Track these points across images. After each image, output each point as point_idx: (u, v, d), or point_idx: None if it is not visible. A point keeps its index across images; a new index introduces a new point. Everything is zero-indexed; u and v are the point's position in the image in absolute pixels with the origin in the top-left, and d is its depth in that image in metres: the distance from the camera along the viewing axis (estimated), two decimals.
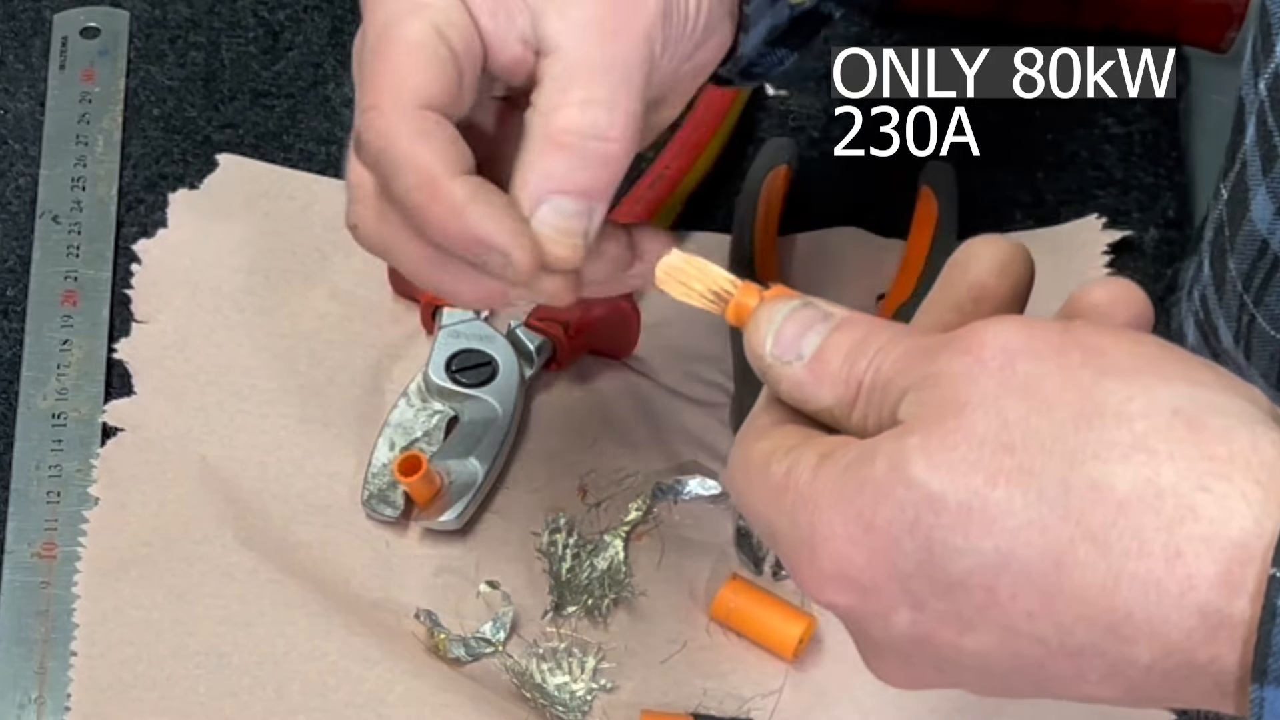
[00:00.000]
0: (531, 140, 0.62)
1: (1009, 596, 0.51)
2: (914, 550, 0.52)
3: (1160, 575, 0.50)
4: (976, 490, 0.51)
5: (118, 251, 0.90)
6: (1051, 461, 0.51)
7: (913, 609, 0.53)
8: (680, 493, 0.83)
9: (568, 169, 0.62)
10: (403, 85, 0.62)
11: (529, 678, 0.79)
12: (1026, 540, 0.51)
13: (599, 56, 0.62)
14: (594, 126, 0.62)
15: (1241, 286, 0.75)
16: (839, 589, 0.54)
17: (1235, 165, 0.74)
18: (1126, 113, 0.94)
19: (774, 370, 0.58)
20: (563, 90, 0.62)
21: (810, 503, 0.54)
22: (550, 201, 0.62)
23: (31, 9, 0.97)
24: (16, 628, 0.80)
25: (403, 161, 0.61)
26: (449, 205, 0.61)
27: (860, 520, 0.53)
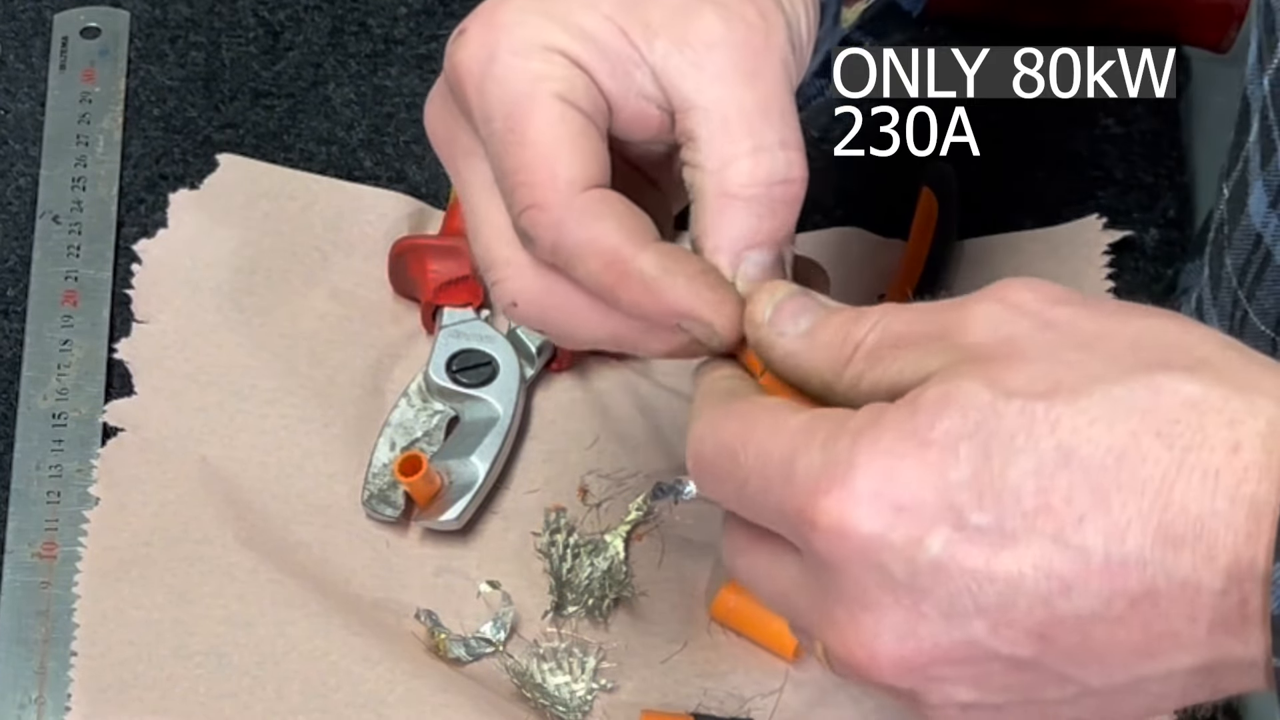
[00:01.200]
0: (709, 200, 0.60)
1: (1063, 500, 0.51)
2: (969, 456, 0.51)
3: (1219, 465, 0.50)
4: (1040, 395, 0.51)
5: (118, 251, 0.90)
6: (1115, 371, 0.51)
7: (951, 526, 0.51)
8: (680, 493, 0.83)
9: (757, 221, 0.60)
10: (557, 174, 0.59)
11: (529, 678, 0.79)
12: (1089, 436, 0.51)
13: (751, 102, 0.60)
14: (773, 173, 0.60)
15: (1236, 282, 0.75)
16: (872, 510, 0.52)
17: (1238, 164, 0.74)
18: (1126, 113, 0.94)
19: (768, 339, 0.58)
20: (728, 143, 0.60)
21: (853, 429, 0.53)
22: (748, 259, 0.60)
23: (31, 9, 0.97)
24: (16, 628, 0.80)
25: (582, 249, 0.59)
26: (642, 283, 0.59)
27: (915, 435, 0.52)
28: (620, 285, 0.59)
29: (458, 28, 0.62)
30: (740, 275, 0.60)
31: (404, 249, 0.87)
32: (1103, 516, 0.50)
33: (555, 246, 0.59)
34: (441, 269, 0.86)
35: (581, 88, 0.60)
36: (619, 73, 0.61)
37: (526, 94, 0.60)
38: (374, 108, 0.94)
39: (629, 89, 0.61)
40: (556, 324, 0.62)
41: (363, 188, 0.92)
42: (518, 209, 0.60)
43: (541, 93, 0.60)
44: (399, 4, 0.98)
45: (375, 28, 0.97)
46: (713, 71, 0.60)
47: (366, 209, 0.91)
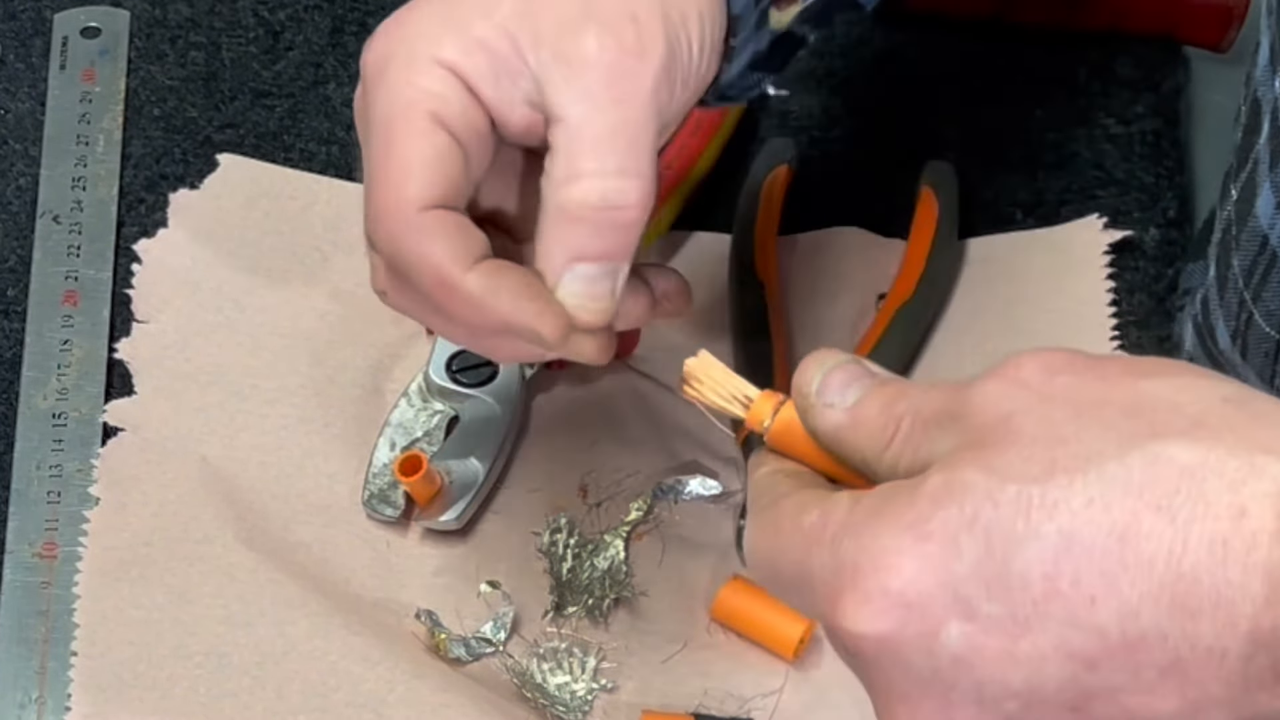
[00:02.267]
0: (548, 212, 0.63)
1: (1071, 583, 0.50)
2: (971, 547, 0.51)
3: (1227, 533, 0.49)
4: (1035, 479, 0.51)
5: (118, 251, 0.90)
6: (1108, 446, 0.51)
7: (963, 618, 0.51)
8: (680, 493, 0.83)
9: (586, 239, 0.63)
10: (405, 191, 0.63)
11: (529, 678, 0.79)
12: (1089, 519, 0.50)
13: (606, 125, 0.63)
14: (605, 198, 0.63)
15: (1242, 283, 0.75)
16: (882, 611, 0.52)
17: (1248, 165, 0.74)
18: (1126, 113, 0.94)
19: (815, 410, 0.58)
20: (572, 162, 0.63)
21: (855, 527, 0.53)
22: (573, 270, 0.63)
23: (31, 9, 0.97)
24: (16, 628, 0.80)
25: (414, 263, 0.63)
26: (466, 300, 0.63)
27: (912, 531, 0.52)
28: (449, 302, 0.63)
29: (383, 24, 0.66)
30: (562, 288, 0.64)
31: None
32: (1113, 597, 0.50)
33: (392, 259, 0.64)
34: None
35: (458, 107, 0.64)
36: (504, 81, 0.64)
37: (403, 108, 0.64)
38: None
39: (514, 96, 0.64)
40: (418, 318, 0.68)
41: (362, 188, 0.91)
42: (366, 218, 0.64)
43: (416, 111, 0.64)
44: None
45: (375, 27, 0.97)
46: (580, 89, 0.63)
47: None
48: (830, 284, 0.89)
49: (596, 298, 0.64)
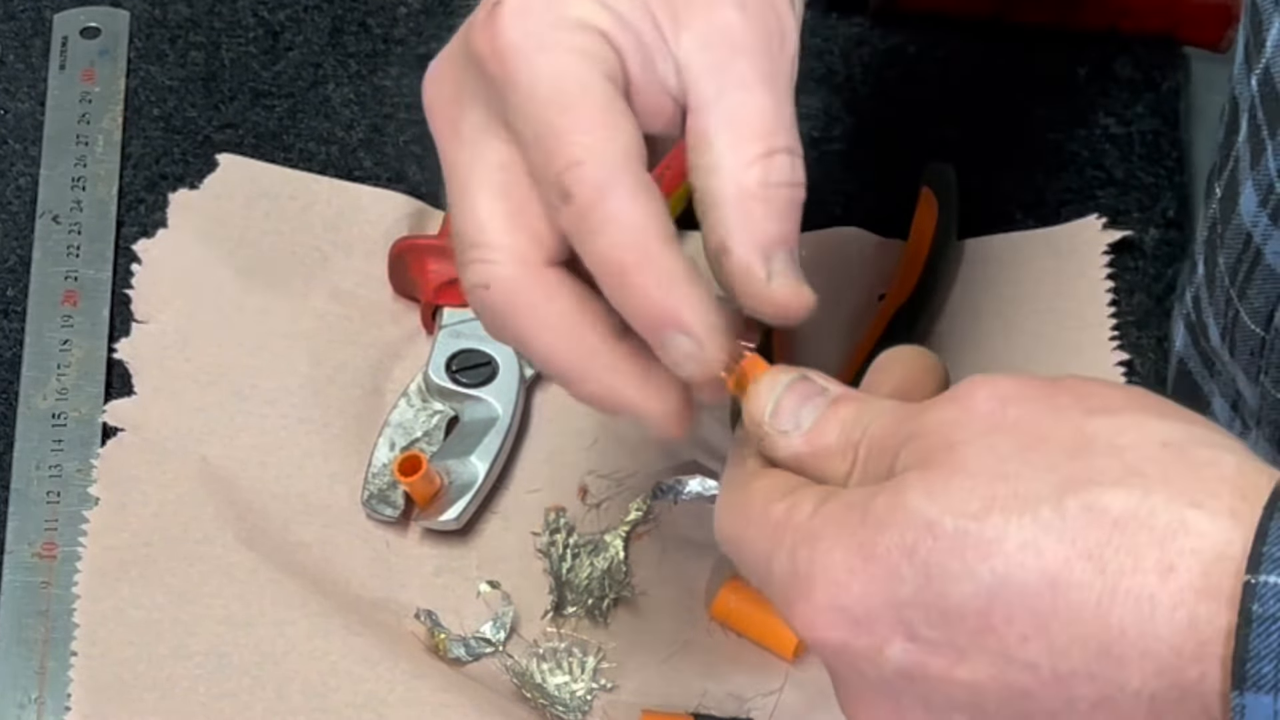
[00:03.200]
0: (729, 201, 0.60)
1: (1004, 621, 0.52)
2: (912, 576, 0.53)
3: (1154, 589, 0.50)
4: (974, 515, 0.52)
5: (118, 251, 0.90)
6: (1045, 488, 0.52)
7: (907, 639, 0.53)
8: (680, 493, 0.83)
9: (777, 222, 0.60)
10: (611, 138, 0.58)
11: (529, 678, 0.79)
12: (1021, 562, 0.51)
13: (769, 107, 0.61)
14: (784, 175, 0.60)
15: (1228, 281, 0.75)
16: (833, 622, 0.54)
17: (1229, 163, 0.74)
18: (1126, 113, 0.94)
19: (771, 438, 0.59)
20: (747, 147, 0.60)
21: (811, 537, 0.55)
22: (778, 255, 0.60)
23: (31, 9, 0.97)
24: (16, 628, 0.80)
25: (621, 218, 0.58)
26: (662, 274, 0.58)
27: (860, 550, 0.54)
28: (639, 270, 0.58)
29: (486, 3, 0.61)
30: (775, 274, 0.60)
31: (404, 249, 0.87)
32: (1043, 637, 0.52)
33: (591, 208, 0.58)
34: (441, 269, 0.86)
35: (619, 72, 0.60)
36: (646, 61, 0.60)
37: (576, 65, 0.59)
38: (374, 108, 0.94)
39: (652, 80, 0.61)
40: (517, 323, 0.61)
41: (362, 188, 0.92)
42: (563, 164, 0.58)
43: (591, 68, 0.59)
44: (399, 4, 0.98)
45: (375, 28, 0.97)
46: (735, 76, 0.60)
47: (366, 209, 0.91)
48: (830, 284, 0.89)
49: (801, 280, 0.60)
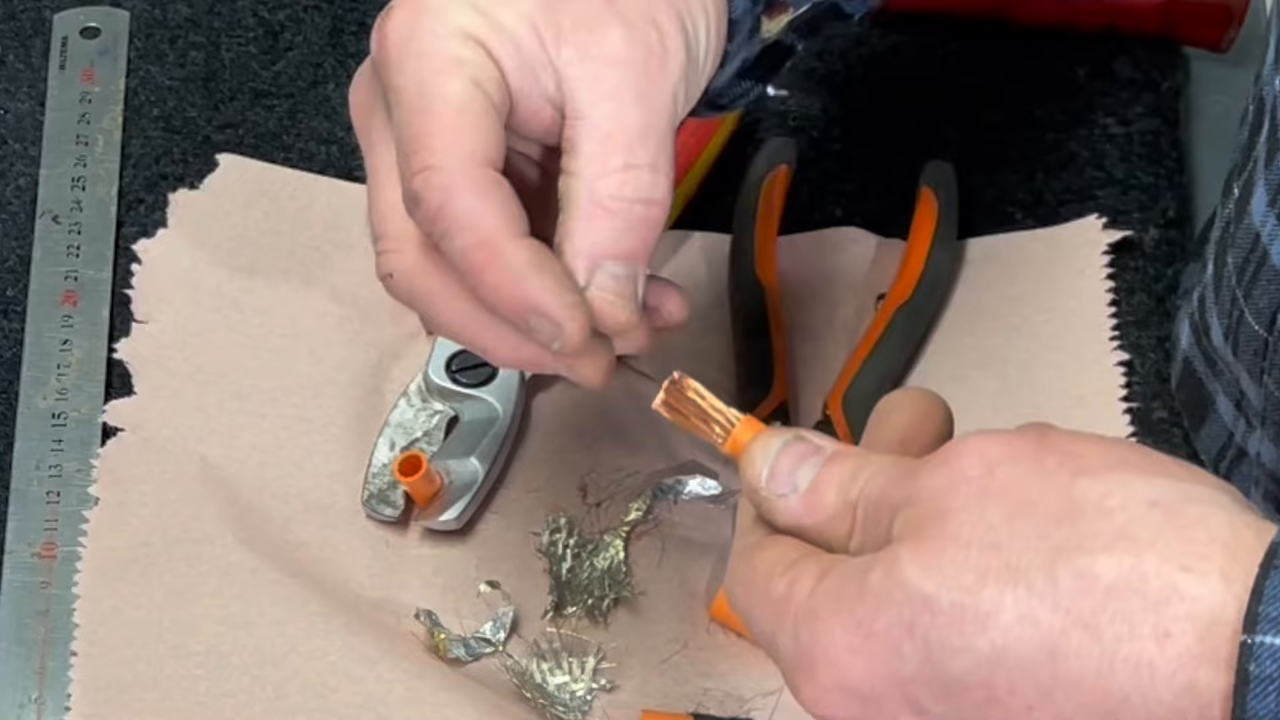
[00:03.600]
0: (576, 207, 0.63)
1: (1007, 692, 0.52)
2: (913, 653, 0.53)
3: (1152, 656, 0.51)
4: (968, 588, 0.52)
5: (118, 251, 0.90)
6: (1038, 557, 0.52)
7: (915, 715, 0.54)
8: (680, 493, 0.83)
9: (617, 235, 0.62)
10: (459, 143, 0.61)
11: (529, 678, 0.79)
12: (1019, 635, 0.52)
13: (635, 121, 0.63)
14: (639, 190, 0.62)
15: (1235, 280, 0.75)
16: (840, 701, 0.55)
17: (1249, 163, 0.74)
18: (1126, 113, 0.94)
19: (769, 503, 0.59)
20: (604, 157, 0.62)
21: (811, 616, 0.55)
22: (603, 267, 0.62)
23: (31, 9, 0.97)
24: (16, 628, 0.80)
25: (464, 220, 0.61)
26: (508, 269, 0.61)
27: (860, 629, 0.54)
28: (487, 267, 0.61)
29: (388, 5, 0.64)
30: (594, 284, 0.63)
31: None
32: (1049, 706, 0.52)
33: (438, 213, 0.61)
34: None
35: (493, 78, 0.62)
36: (526, 71, 0.63)
37: (440, 70, 0.62)
38: None
39: (533, 88, 0.63)
40: (423, 304, 0.65)
41: (363, 188, 0.90)
42: (414, 169, 0.62)
43: (456, 72, 0.62)
44: None
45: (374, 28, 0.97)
46: (607, 88, 0.63)
47: (366, 209, 0.90)
48: (830, 284, 0.89)
49: (625, 296, 0.63)
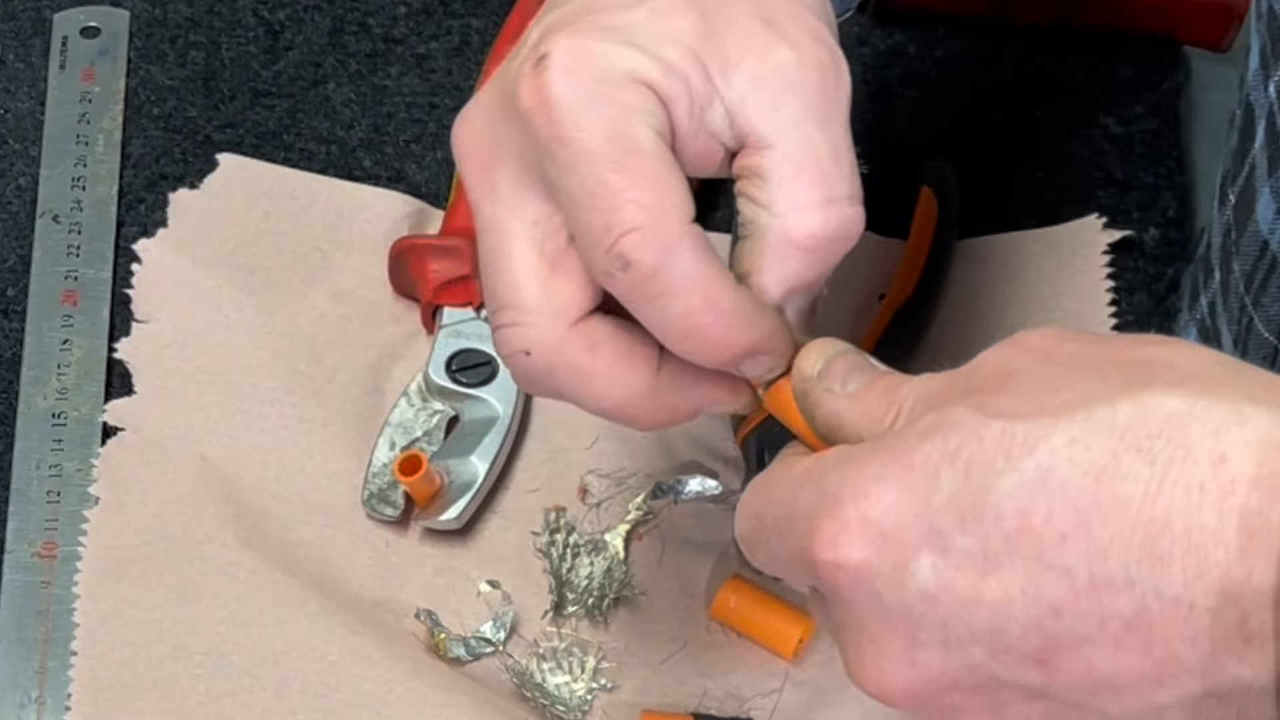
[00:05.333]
0: (770, 242, 0.60)
1: (1043, 519, 0.50)
2: (950, 479, 0.51)
3: (1204, 478, 0.49)
4: (1023, 417, 0.51)
5: (118, 251, 0.90)
6: (1099, 391, 0.51)
7: (935, 551, 0.52)
8: (680, 493, 0.83)
9: (806, 269, 0.61)
10: (668, 200, 0.58)
11: (529, 677, 0.79)
12: (1069, 457, 0.50)
13: (826, 149, 0.60)
14: (840, 228, 0.60)
15: (1243, 288, 0.75)
16: (858, 537, 0.52)
17: (1244, 169, 0.74)
18: (1126, 113, 0.94)
19: (815, 394, 0.58)
20: (802, 191, 0.60)
21: (842, 463, 0.54)
22: (790, 301, 0.61)
23: (31, 9, 0.97)
24: (16, 628, 0.80)
25: (688, 280, 0.58)
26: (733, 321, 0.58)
27: (897, 461, 0.52)
28: (712, 325, 0.58)
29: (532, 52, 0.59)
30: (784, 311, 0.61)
31: (404, 249, 0.87)
32: (1084, 535, 0.50)
33: (655, 275, 0.58)
34: (441, 269, 0.86)
35: (667, 124, 0.59)
36: (695, 110, 0.60)
37: (625, 122, 0.58)
38: (374, 107, 0.94)
39: (699, 126, 0.60)
40: (565, 383, 0.61)
41: (362, 187, 0.92)
42: (619, 231, 0.57)
43: (642, 124, 0.58)
44: (399, 4, 0.98)
45: (375, 28, 0.97)
46: (790, 115, 0.60)
47: (366, 209, 0.91)
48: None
49: (804, 327, 0.61)
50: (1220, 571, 0.49)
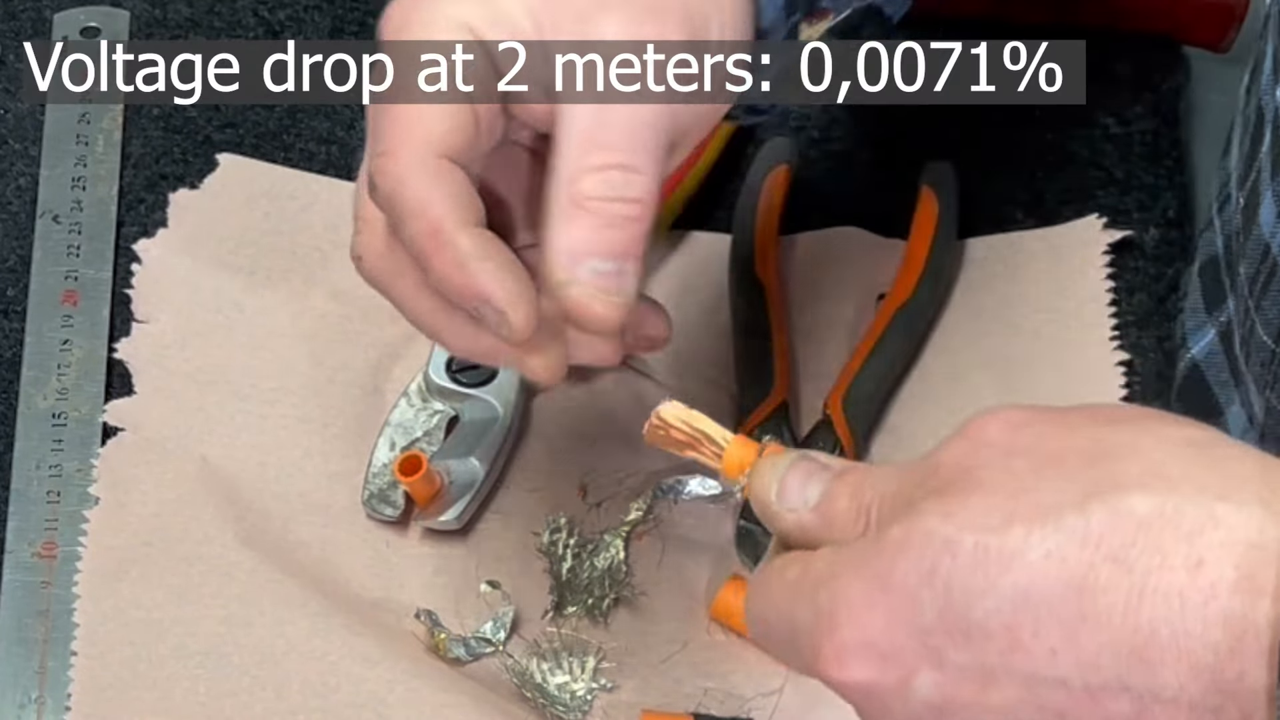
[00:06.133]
0: (555, 205, 0.62)
1: (1031, 635, 0.51)
2: (932, 600, 0.52)
3: (1183, 585, 0.49)
4: (993, 529, 0.51)
5: (118, 251, 0.90)
6: (1067, 497, 0.51)
7: (934, 668, 0.52)
8: (680, 493, 0.83)
9: (597, 232, 0.62)
10: (418, 132, 0.62)
11: (529, 678, 0.79)
12: (1045, 572, 0.51)
13: (620, 118, 0.62)
14: (613, 189, 0.62)
15: (1247, 291, 0.75)
16: (859, 659, 0.54)
17: (1252, 173, 0.74)
18: (1126, 113, 0.94)
19: (781, 517, 0.59)
20: (582, 155, 0.62)
21: (829, 579, 0.55)
22: (586, 264, 0.62)
23: (31, 9, 0.97)
24: (16, 628, 0.80)
25: (413, 207, 0.62)
26: (454, 257, 0.62)
27: (878, 580, 0.53)
28: (435, 254, 0.63)
29: None
30: (576, 279, 0.62)
31: None
32: (1073, 649, 0.51)
33: (390, 198, 0.63)
34: None
35: (478, 70, 0.63)
36: (526, 62, 0.63)
37: (419, 61, 0.63)
38: None
39: (531, 79, 0.63)
40: (387, 289, 0.67)
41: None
42: (374, 152, 0.63)
43: (435, 61, 0.62)
44: None
45: (375, 27, 0.97)
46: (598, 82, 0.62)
47: None
48: (830, 284, 0.89)
49: (607, 290, 0.62)
50: (1211, 674, 0.49)
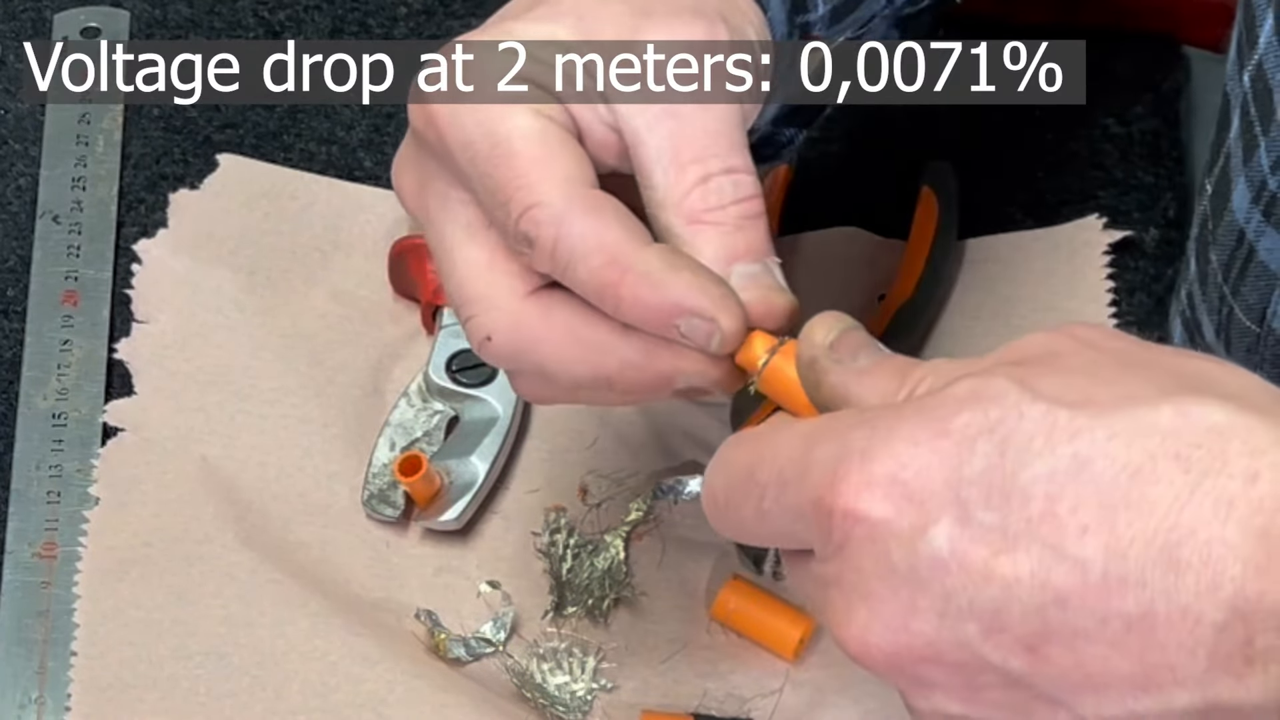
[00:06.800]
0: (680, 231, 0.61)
1: (1069, 509, 0.50)
2: (986, 452, 0.51)
3: (1235, 494, 0.49)
4: (1069, 404, 0.51)
5: (118, 251, 0.90)
6: (1147, 391, 0.51)
7: (956, 520, 0.51)
8: (680, 493, 0.83)
9: (729, 239, 0.61)
10: (554, 173, 0.60)
11: (529, 678, 0.79)
12: (1107, 451, 0.50)
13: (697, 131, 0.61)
14: (724, 196, 0.61)
15: (1221, 278, 0.75)
16: (882, 493, 0.52)
17: (1220, 159, 0.74)
18: (1126, 113, 0.94)
19: (823, 363, 0.58)
20: (681, 179, 0.61)
21: (870, 421, 0.53)
22: (736, 271, 0.61)
23: (31, 9, 0.97)
24: (16, 628, 0.80)
25: (584, 245, 0.60)
26: (645, 276, 0.60)
27: (937, 424, 0.52)
28: (623, 282, 0.60)
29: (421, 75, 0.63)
30: (738, 288, 0.61)
31: (404, 249, 0.87)
32: (1106, 531, 0.50)
33: (556, 245, 0.60)
34: None
35: (555, 109, 0.61)
36: (583, 102, 0.62)
37: (502, 112, 0.61)
38: (374, 108, 0.94)
39: (593, 118, 0.62)
40: (533, 356, 0.63)
41: (362, 188, 0.92)
42: (516, 213, 0.60)
43: (518, 109, 0.61)
44: (399, 4, 0.98)
45: (375, 28, 0.97)
46: (658, 106, 0.62)
47: (366, 209, 0.91)
48: (830, 284, 0.89)
49: (767, 286, 0.61)
50: (1234, 588, 0.49)
